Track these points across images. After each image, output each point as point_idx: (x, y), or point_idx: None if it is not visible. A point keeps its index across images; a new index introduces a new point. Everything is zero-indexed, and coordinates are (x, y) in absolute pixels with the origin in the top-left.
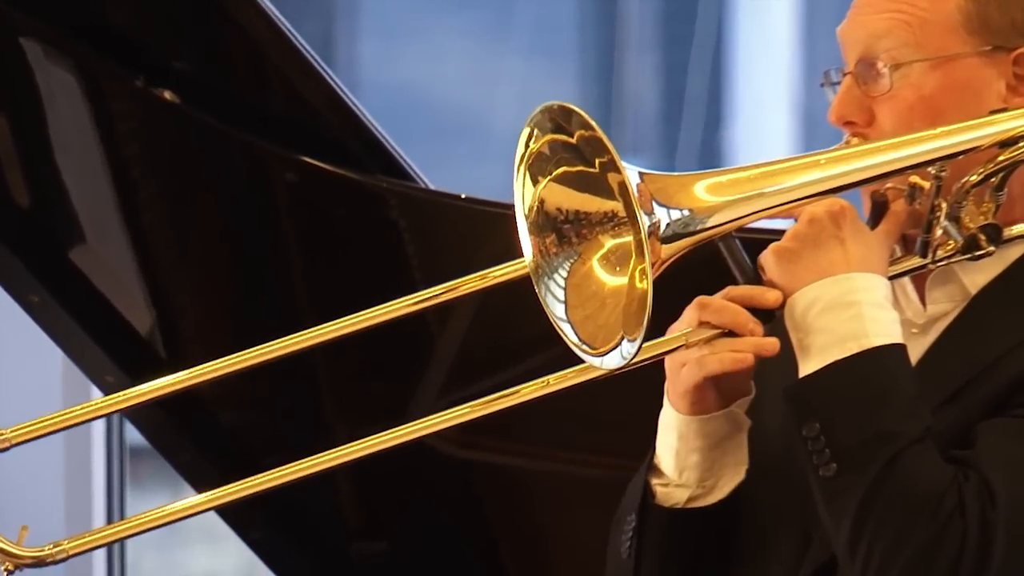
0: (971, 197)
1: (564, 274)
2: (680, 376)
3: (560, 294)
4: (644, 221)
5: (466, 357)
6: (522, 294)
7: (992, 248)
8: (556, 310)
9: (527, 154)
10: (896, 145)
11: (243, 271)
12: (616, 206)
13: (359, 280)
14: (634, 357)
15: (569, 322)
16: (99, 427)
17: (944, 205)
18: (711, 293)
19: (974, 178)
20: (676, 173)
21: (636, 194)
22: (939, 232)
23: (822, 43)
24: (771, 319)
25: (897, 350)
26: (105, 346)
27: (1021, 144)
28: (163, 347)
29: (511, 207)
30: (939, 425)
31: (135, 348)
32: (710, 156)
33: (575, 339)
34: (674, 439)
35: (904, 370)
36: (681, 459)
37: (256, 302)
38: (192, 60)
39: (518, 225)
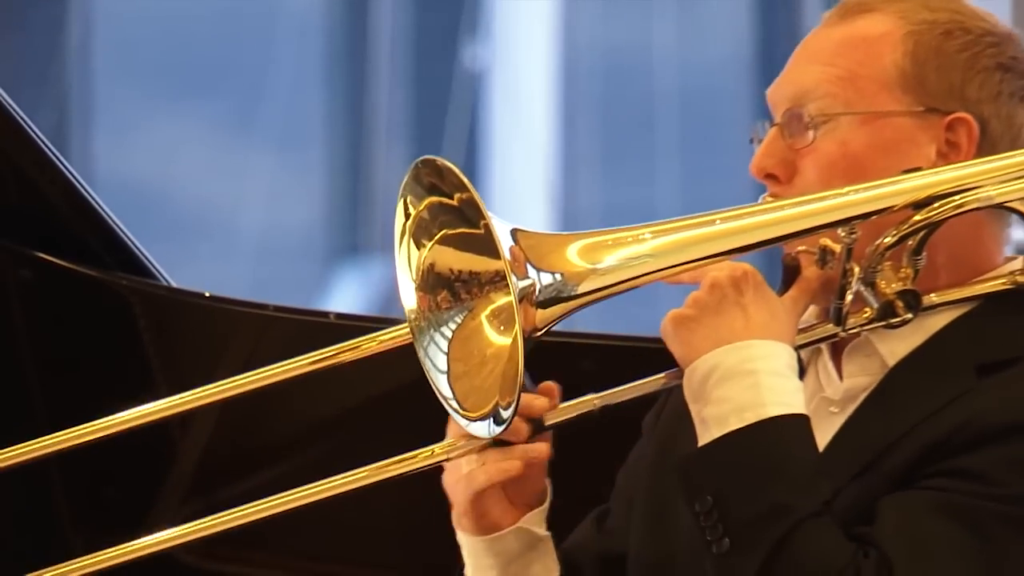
0: (887, 261)
1: (453, 327)
2: (455, 495)
3: (444, 345)
4: (515, 285)
5: (209, 463)
6: (267, 400)
7: (910, 316)
8: (437, 361)
9: (409, 222)
10: (798, 204)
11: None
12: (501, 265)
13: (97, 382)
14: (503, 431)
15: (447, 374)
16: None
17: (857, 269)
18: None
19: (888, 240)
20: (555, 232)
21: (508, 257)
22: (851, 298)
23: (580, 133)
24: (542, 429)
25: (796, 420)
26: None
27: (936, 205)
28: None
29: (260, 306)
30: (847, 500)
31: None
32: None
33: (448, 394)
34: (467, 558)
35: (802, 441)
36: None
37: None
38: None
39: (400, 285)
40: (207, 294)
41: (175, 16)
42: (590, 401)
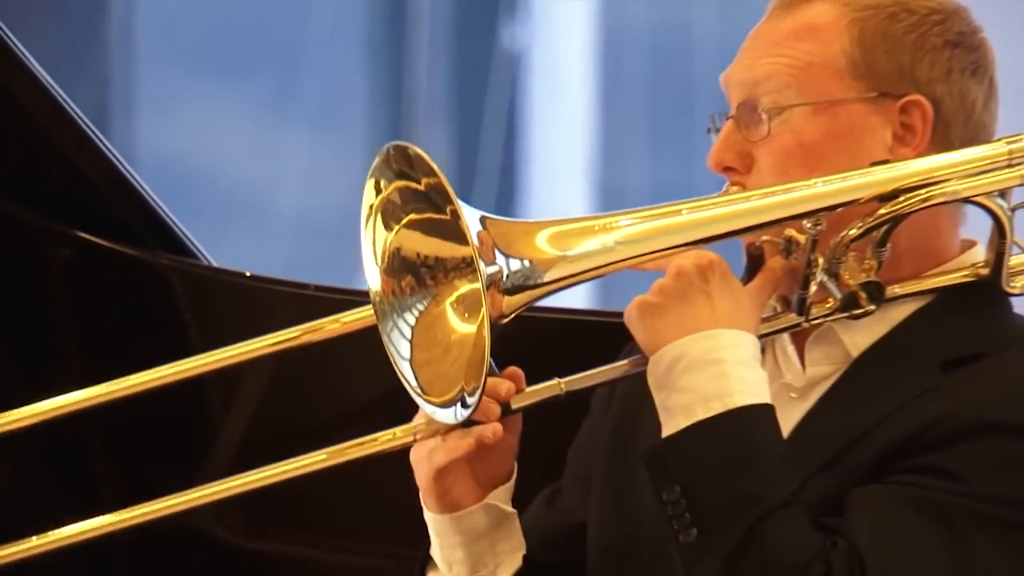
0: (852, 252)
1: (416, 313)
2: (418, 474)
3: (407, 332)
4: (483, 271)
5: (251, 443)
6: (308, 380)
7: (872, 307)
8: (400, 348)
9: (377, 203)
10: (765, 196)
11: (14, 352)
12: (468, 252)
13: (139, 362)
14: (469, 415)
15: (410, 361)
16: None
17: (821, 260)
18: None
19: (853, 232)
20: (522, 220)
21: (476, 243)
22: (815, 288)
23: (620, 113)
24: (509, 412)
25: (763, 410)
26: None
27: (902, 199)
28: None
29: (299, 285)
30: (814, 492)
31: None
32: None
33: (412, 382)
34: (434, 536)
35: (770, 431)
36: (446, 555)
37: (28, 386)
38: None
39: (365, 269)
40: (248, 273)
41: None
42: (556, 385)
